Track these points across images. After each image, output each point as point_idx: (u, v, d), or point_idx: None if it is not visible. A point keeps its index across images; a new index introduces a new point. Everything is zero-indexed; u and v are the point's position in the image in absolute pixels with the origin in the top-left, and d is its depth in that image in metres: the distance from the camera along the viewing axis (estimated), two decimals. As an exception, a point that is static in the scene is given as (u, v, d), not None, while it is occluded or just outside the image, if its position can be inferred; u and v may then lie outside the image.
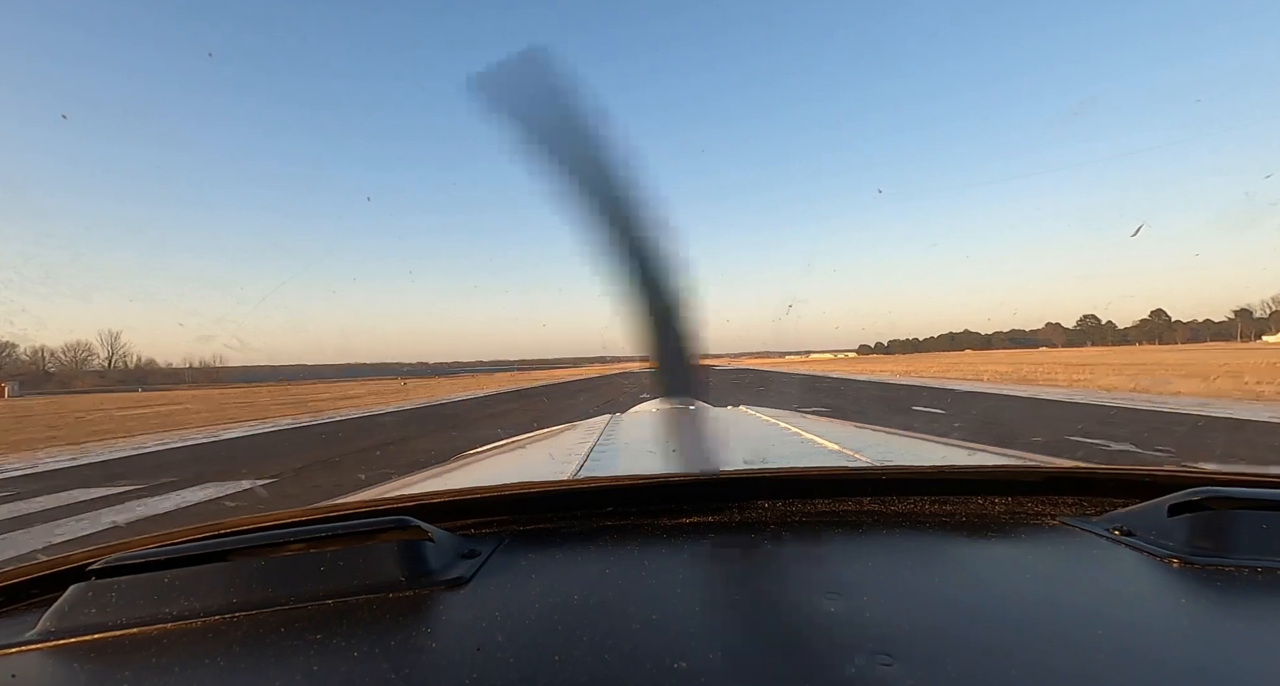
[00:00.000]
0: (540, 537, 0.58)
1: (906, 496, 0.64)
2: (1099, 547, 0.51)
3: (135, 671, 0.37)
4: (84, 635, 0.41)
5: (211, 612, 0.43)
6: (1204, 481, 0.57)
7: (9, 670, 0.38)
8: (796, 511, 0.62)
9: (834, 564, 0.49)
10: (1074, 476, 0.65)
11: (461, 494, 0.62)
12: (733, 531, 0.57)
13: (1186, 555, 0.47)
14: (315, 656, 0.37)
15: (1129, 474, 0.63)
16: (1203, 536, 0.48)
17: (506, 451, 1.47)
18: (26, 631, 0.43)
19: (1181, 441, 6.32)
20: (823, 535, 0.56)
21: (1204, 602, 0.41)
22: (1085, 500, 0.63)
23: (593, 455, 1.08)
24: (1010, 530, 0.56)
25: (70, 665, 0.39)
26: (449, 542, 0.52)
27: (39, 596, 0.50)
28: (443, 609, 0.42)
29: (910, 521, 0.59)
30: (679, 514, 0.62)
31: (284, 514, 0.56)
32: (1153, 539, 0.51)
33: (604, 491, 0.64)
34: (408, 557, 0.47)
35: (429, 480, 1.04)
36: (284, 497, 5.08)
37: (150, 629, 0.42)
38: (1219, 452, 5.61)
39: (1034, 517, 0.60)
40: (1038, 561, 0.50)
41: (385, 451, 7.72)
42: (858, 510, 0.63)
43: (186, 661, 0.37)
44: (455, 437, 8.53)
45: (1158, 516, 0.52)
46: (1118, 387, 13.72)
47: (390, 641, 0.38)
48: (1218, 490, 0.51)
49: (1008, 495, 0.64)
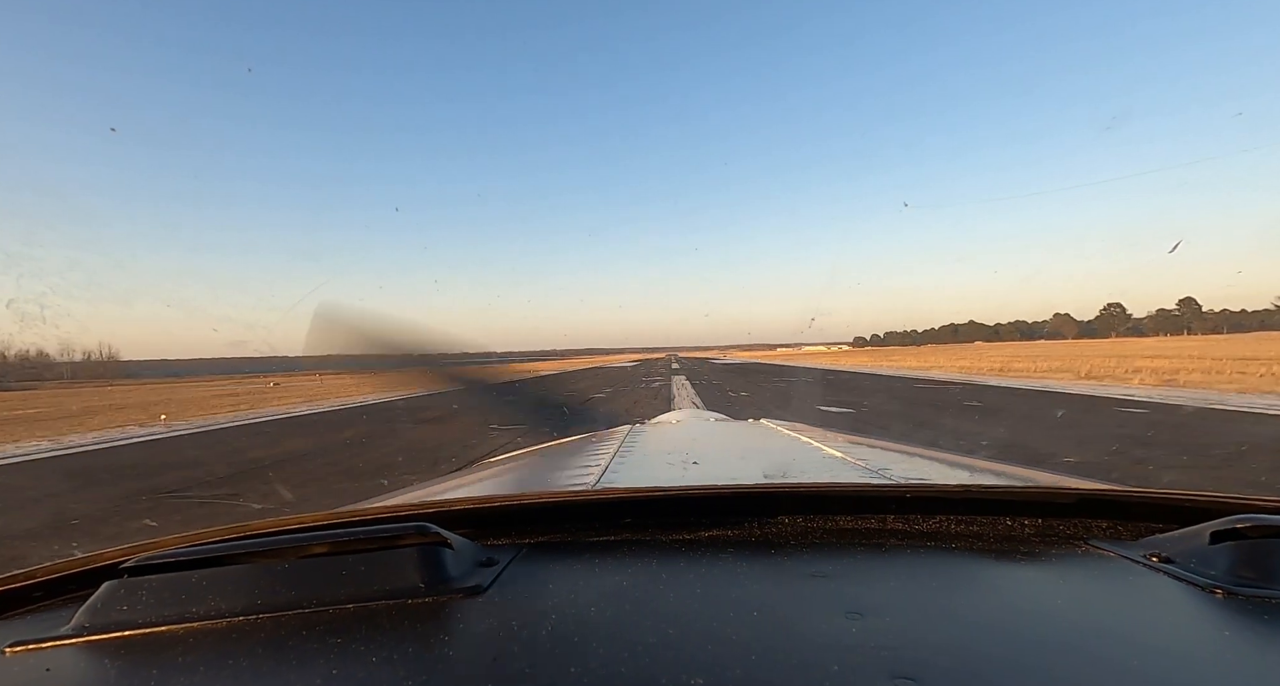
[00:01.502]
0: (558, 548, 0.57)
1: (932, 515, 0.62)
2: (1135, 574, 0.49)
3: (163, 669, 0.38)
4: (116, 631, 0.43)
5: (236, 613, 0.44)
6: (1245, 508, 0.55)
7: (45, 663, 0.40)
8: (818, 528, 0.61)
9: (856, 582, 0.48)
10: (1107, 498, 0.63)
11: (481, 502, 0.63)
12: (753, 546, 0.56)
13: (1230, 585, 0.45)
14: (335, 660, 0.37)
15: (1166, 498, 0.60)
16: (1247, 566, 0.46)
17: (526, 460, 1.48)
18: (62, 626, 0.44)
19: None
20: (845, 553, 0.54)
21: (1249, 634, 0.39)
22: (1119, 524, 0.61)
23: (612, 466, 1.08)
24: (1040, 553, 0.54)
25: (102, 660, 0.40)
26: (468, 550, 0.52)
27: (74, 592, 0.52)
28: (460, 617, 0.43)
29: (935, 541, 0.57)
30: (698, 527, 0.61)
31: (308, 517, 0.57)
32: (1193, 567, 0.48)
33: (623, 503, 0.64)
34: (427, 564, 0.47)
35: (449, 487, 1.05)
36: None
37: (178, 627, 0.43)
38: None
39: (1065, 540, 0.58)
40: (1069, 586, 0.48)
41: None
42: (881, 528, 0.61)
43: (212, 660, 0.38)
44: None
45: (1198, 543, 0.50)
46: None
47: (408, 648, 0.38)
48: (1265, 518, 0.49)
49: (1037, 516, 0.62)
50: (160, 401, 18.91)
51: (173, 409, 15.96)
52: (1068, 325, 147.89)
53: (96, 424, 12.47)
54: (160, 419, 13.11)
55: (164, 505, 5.17)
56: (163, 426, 11.94)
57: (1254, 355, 20.73)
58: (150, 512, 4.92)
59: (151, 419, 13.27)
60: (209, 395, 21.85)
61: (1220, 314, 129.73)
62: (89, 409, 17.13)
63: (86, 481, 6.55)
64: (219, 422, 12.43)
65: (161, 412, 14.52)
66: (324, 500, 5.38)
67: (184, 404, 17.70)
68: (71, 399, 23.69)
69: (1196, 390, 11.13)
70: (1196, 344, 44.49)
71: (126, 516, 4.84)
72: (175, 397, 21.16)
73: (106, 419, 13.51)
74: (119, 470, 7.18)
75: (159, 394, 24.88)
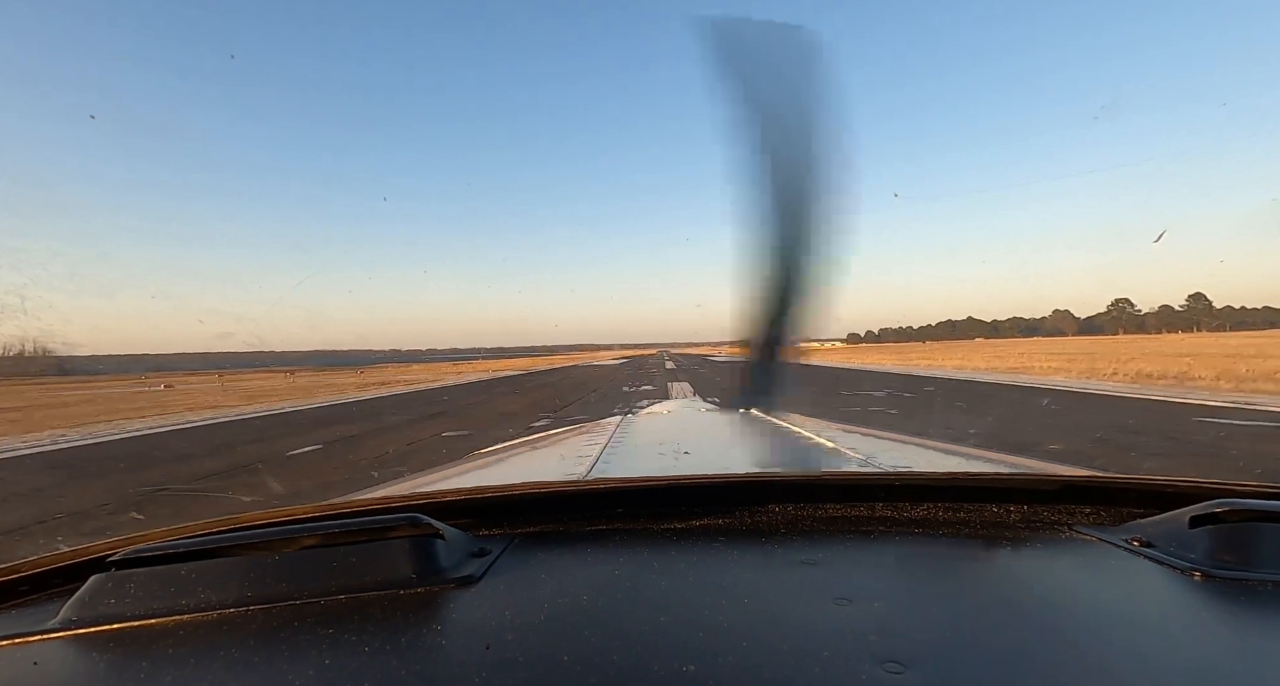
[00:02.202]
0: (550, 538, 0.58)
1: (920, 503, 0.63)
2: (1117, 558, 0.50)
3: (152, 661, 0.38)
4: (103, 625, 0.42)
5: (226, 605, 0.43)
6: (1225, 493, 0.56)
7: (31, 657, 0.39)
8: (808, 516, 0.62)
9: (845, 570, 0.48)
10: (1090, 485, 0.64)
11: (473, 492, 0.63)
12: (743, 535, 0.57)
13: (1208, 568, 0.46)
14: (327, 651, 0.37)
15: (1147, 483, 0.61)
16: (1225, 549, 0.47)
17: (518, 451, 1.48)
18: (49, 620, 0.44)
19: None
20: (834, 540, 0.55)
21: (1227, 616, 0.40)
22: (1102, 509, 0.62)
23: (603, 456, 1.08)
24: (1025, 539, 0.55)
25: (90, 654, 0.40)
26: (460, 541, 0.52)
27: (61, 586, 0.51)
28: (453, 607, 0.43)
29: (923, 528, 0.58)
30: (689, 516, 0.62)
31: (298, 509, 0.56)
32: (1173, 550, 0.50)
33: (614, 493, 0.64)
34: (419, 555, 0.47)
35: (441, 478, 1.05)
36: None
37: (167, 620, 0.42)
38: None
39: (1049, 527, 0.59)
40: (1054, 571, 0.49)
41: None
42: (870, 516, 0.62)
43: (202, 653, 0.38)
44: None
45: (1178, 527, 0.51)
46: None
47: (401, 638, 0.38)
48: (1242, 502, 0.50)
49: (1023, 503, 0.63)
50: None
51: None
52: (1067, 322, 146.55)
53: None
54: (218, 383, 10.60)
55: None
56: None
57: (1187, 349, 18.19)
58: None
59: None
60: (76, 400, 18.63)
61: (1224, 311, 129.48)
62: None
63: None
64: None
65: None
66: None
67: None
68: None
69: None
70: (1221, 340, 41.15)
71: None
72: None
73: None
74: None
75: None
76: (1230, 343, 32.94)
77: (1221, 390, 10.43)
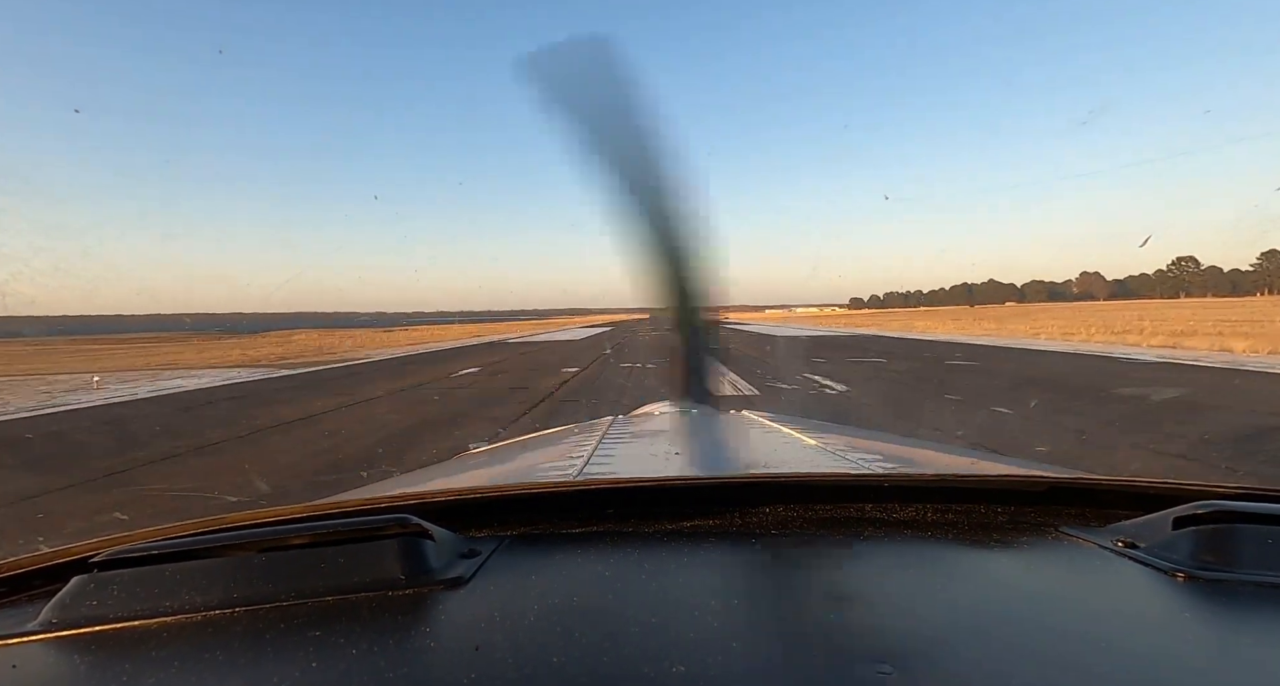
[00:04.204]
0: (540, 538, 0.57)
1: (908, 504, 0.64)
2: (1101, 559, 0.51)
3: (136, 663, 0.37)
4: (86, 627, 0.42)
5: (212, 607, 0.43)
6: (1209, 494, 0.56)
7: (11, 660, 0.39)
8: (798, 517, 0.62)
9: (834, 571, 0.49)
10: (1077, 486, 0.65)
11: (462, 493, 0.62)
12: (733, 536, 0.57)
13: (1191, 569, 0.46)
14: (314, 653, 0.37)
15: (1133, 485, 0.62)
16: (1208, 550, 0.48)
17: (508, 451, 1.47)
18: (29, 622, 0.43)
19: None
20: (824, 541, 0.55)
21: (1208, 616, 0.41)
22: (1088, 511, 0.63)
23: (594, 457, 1.08)
24: (1012, 540, 0.56)
25: (71, 656, 0.39)
26: (449, 542, 0.52)
27: (42, 587, 0.50)
28: (442, 608, 0.42)
29: (912, 529, 0.59)
30: (680, 517, 0.62)
31: (285, 509, 0.56)
32: (1157, 552, 0.50)
33: (605, 493, 0.64)
34: (408, 556, 0.47)
35: (430, 478, 1.04)
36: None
37: (151, 622, 0.42)
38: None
39: (1036, 528, 0.59)
40: (1040, 572, 0.49)
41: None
42: (859, 517, 0.62)
43: (187, 655, 0.38)
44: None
45: (1162, 529, 0.52)
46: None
47: (389, 639, 0.38)
48: (1225, 504, 0.51)
49: (1010, 504, 0.64)
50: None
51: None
52: (1098, 284, 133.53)
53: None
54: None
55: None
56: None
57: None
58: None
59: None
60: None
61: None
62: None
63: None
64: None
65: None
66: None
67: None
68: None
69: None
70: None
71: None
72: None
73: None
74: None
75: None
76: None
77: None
